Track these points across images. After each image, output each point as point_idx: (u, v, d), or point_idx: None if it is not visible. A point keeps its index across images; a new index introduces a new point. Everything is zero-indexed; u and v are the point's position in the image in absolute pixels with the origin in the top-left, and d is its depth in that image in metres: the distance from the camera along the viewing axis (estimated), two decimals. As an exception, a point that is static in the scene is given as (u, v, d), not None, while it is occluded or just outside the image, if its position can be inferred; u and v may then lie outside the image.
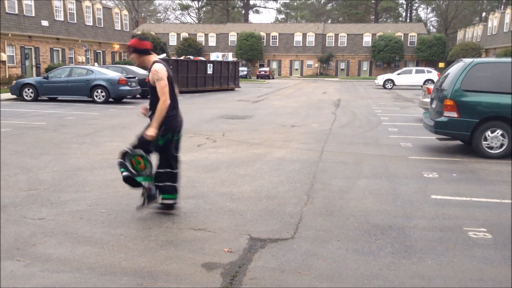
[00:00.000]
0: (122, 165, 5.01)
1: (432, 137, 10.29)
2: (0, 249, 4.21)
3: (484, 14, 76.96)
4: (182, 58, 31.01)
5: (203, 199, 5.85)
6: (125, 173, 5.00)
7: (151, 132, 4.83)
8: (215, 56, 49.21)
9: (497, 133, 8.56)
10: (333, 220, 5.13)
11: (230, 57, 50.40)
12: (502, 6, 63.46)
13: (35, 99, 20.07)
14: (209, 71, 29.75)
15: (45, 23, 33.81)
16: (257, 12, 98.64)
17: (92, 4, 40.06)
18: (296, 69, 68.55)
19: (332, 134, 11.64)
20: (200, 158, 8.38)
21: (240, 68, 46.95)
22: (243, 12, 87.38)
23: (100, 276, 3.69)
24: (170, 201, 5.22)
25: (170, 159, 5.15)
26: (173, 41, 69.75)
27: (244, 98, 24.75)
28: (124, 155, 4.98)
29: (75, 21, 37.56)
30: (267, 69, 58.50)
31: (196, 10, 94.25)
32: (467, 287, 3.63)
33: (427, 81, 34.38)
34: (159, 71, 4.86)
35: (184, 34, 70.19)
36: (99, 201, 5.71)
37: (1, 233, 4.60)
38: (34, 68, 32.97)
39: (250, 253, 4.20)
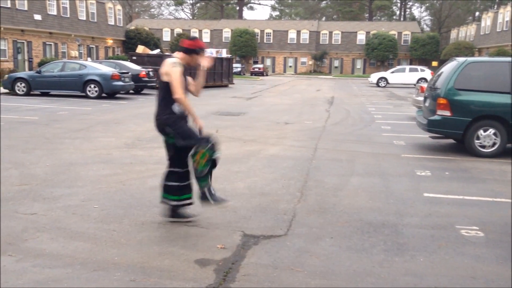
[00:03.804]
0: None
1: (425, 136, 10.33)
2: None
3: (477, 13, 77.31)
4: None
5: (196, 195, 5.82)
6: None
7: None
8: (209, 52, 48.98)
9: (490, 132, 8.61)
10: (326, 217, 5.14)
11: (224, 53, 50.26)
12: (496, 6, 63.77)
13: (27, 94, 19.92)
14: (203, 67, 29.61)
15: (38, 17, 33.54)
16: (251, 8, 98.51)
17: (85, -1, 39.78)
18: (290, 66, 68.53)
19: (325, 131, 11.66)
20: (193, 154, 8.35)
21: (234, 65, 46.83)
22: (237, 8, 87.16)
23: (92, 272, 3.68)
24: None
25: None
26: (167, 36, 69.42)
27: (238, 94, 24.72)
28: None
29: (68, 16, 37.30)
30: (261, 66, 58.40)
31: (190, 6, 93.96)
32: (458, 284, 3.66)
33: (420, 79, 34.47)
34: None
35: (178, 30, 69.86)
36: (92, 196, 5.69)
37: (-8, 228, 4.57)
38: (26, 62, 32.72)
39: (243, 249, 4.20)
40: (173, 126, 4.60)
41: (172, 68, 4.52)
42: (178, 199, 4.81)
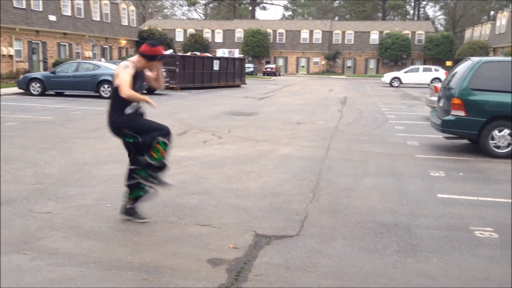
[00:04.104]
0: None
1: (439, 136, 10.24)
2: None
3: (492, 12, 76.44)
4: (188, 54, 31.04)
5: (208, 195, 5.85)
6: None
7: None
8: (221, 52, 49.22)
9: (505, 133, 8.50)
10: (339, 217, 5.12)
11: (237, 53, 50.41)
12: (511, 5, 62.97)
13: (42, 94, 20.14)
14: (216, 67, 29.75)
15: (52, 18, 33.89)
16: (264, 8, 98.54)
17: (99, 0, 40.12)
18: (303, 66, 68.39)
19: (338, 131, 11.62)
20: (206, 154, 8.39)
21: (247, 65, 46.90)
22: (250, 8, 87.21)
23: (105, 270, 3.71)
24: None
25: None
26: (179, 37, 69.72)
27: (250, 95, 24.74)
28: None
29: (82, 16, 37.64)
30: (273, 66, 58.39)
31: (203, 6, 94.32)
32: (472, 286, 3.62)
33: (434, 79, 34.17)
34: None
35: (191, 30, 70.15)
36: (105, 195, 5.73)
37: (8, 227, 4.63)
38: (41, 63, 33.08)
39: (255, 249, 4.20)
40: (129, 126, 4.64)
41: (122, 69, 4.52)
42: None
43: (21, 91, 20.74)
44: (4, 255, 3.95)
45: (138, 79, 4.67)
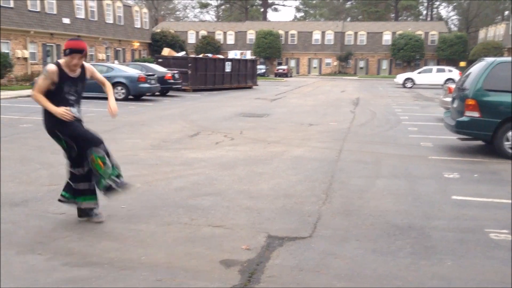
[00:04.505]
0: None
1: (453, 137, 10.15)
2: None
3: (506, 12, 75.58)
4: (200, 56, 31.15)
5: (221, 196, 5.87)
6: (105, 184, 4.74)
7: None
8: (233, 54, 49.31)
9: (520, 134, 8.40)
10: (352, 219, 5.10)
11: (249, 55, 50.47)
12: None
13: (56, 96, 20.31)
14: (227, 69, 29.82)
15: (66, 20, 34.25)
16: (275, 10, 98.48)
17: (112, 2, 40.44)
18: (315, 68, 68.25)
19: (350, 133, 11.57)
20: (218, 156, 8.41)
21: (258, 66, 46.96)
22: (262, 10, 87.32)
23: (119, 271, 3.73)
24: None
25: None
26: (192, 39, 70.03)
27: (261, 96, 24.75)
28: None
29: (96, 19, 37.99)
30: (285, 67, 58.35)
31: (215, 8, 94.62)
32: (488, 289, 3.58)
33: (448, 80, 33.86)
34: None
35: (203, 32, 70.42)
36: (119, 196, 5.75)
37: (23, 227, 4.69)
38: (55, 65, 33.40)
39: (268, 251, 4.20)
40: (61, 129, 4.69)
41: (41, 75, 4.66)
42: (73, 199, 4.91)
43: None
44: (20, 255, 4.01)
45: (67, 82, 4.69)
